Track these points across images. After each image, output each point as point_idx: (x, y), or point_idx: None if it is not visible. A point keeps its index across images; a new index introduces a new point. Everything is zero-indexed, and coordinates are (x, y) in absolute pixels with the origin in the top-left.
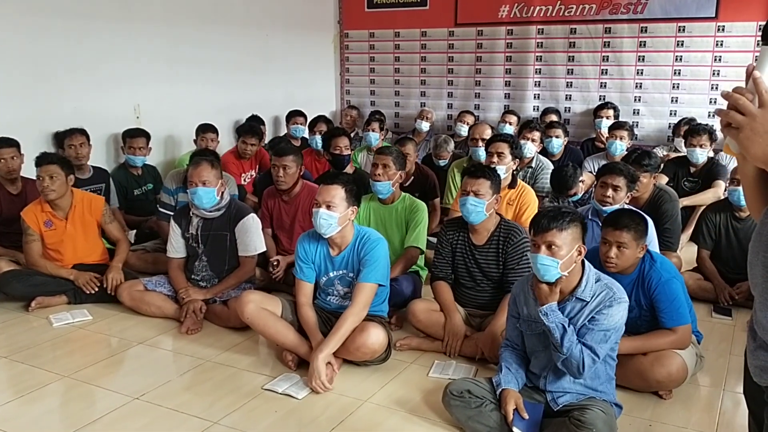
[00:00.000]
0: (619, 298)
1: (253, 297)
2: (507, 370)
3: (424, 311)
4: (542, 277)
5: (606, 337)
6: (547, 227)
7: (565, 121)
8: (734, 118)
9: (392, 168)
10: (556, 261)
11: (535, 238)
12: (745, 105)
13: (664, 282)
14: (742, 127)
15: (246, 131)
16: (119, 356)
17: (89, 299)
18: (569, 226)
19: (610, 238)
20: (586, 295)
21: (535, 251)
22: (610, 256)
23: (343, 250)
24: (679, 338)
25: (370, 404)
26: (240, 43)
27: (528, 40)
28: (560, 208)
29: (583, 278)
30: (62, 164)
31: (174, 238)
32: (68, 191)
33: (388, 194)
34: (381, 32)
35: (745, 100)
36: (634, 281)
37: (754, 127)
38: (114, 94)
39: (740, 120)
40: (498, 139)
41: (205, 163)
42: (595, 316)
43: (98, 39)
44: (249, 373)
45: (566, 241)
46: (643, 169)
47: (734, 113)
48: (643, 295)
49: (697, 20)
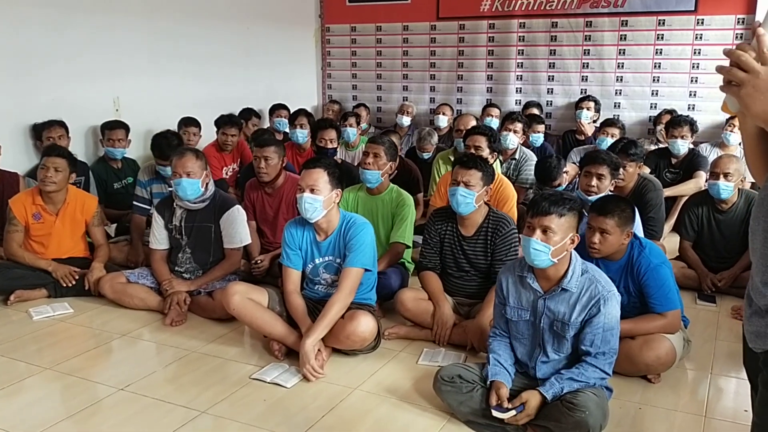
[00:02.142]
0: (609, 292)
1: (238, 288)
2: (496, 362)
3: (412, 300)
4: (532, 261)
5: (612, 335)
6: (547, 211)
7: (547, 115)
8: (736, 75)
9: (383, 158)
10: (549, 247)
11: (531, 220)
12: (747, 61)
13: (654, 268)
14: (744, 83)
15: (225, 122)
16: (102, 348)
17: (70, 292)
18: (568, 213)
19: (594, 223)
20: (572, 286)
21: (528, 234)
22: (593, 242)
23: (330, 235)
24: (669, 323)
25: (359, 392)
26: (221, 37)
27: (510, 33)
28: (562, 194)
29: (570, 268)
30: (69, 160)
31: (157, 229)
32: (65, 187)
33: (377, 183)
34: (362, 26)
35: (748, 56)
36: (623, 267)
37: (756, 84)
38: (93, 87)
39: (742, 77)
40: (475, 132)
41: (189, 153)
42: (592, 319)
43: (78, 30)
44: (236, 363)
45: (562, 227)
46: (629, 158)
47: (736, 70)
48: (632, 281)
49: (676, 14)
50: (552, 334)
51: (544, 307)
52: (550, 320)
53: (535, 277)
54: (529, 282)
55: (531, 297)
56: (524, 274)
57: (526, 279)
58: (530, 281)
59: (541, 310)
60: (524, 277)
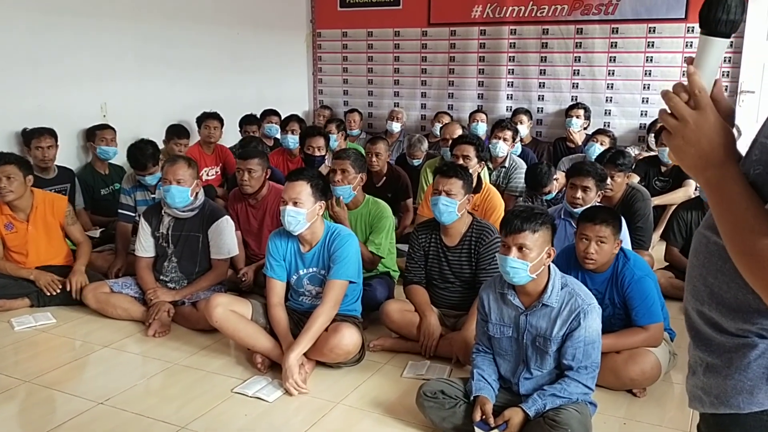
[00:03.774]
0: (589, 305)
1: (221, 300)
2: (480, 377)
3: (398, 311)
4: (511, 279)
5: (593, 348)
6: (520, 228)
7: (538, 122)
8: (667, 122)
9: (351, 172)
10: (526, 264)
11: (506, 239)
12: (676, 107)
13: (637, 280)
14: (675, 133)
15: (208, 116)
16: (83, 360)
17: (53, 302)
18: (541, 228)
19: (589, 233)
20: (552, 301)
21: (504, 253)
22: (590, 252)
23: (314, 247)
24: (651, 336)
25: (343, 406)
26: (210, 41)
27: (501, 40)
28: (532, 208)
29: (549, 283)
30: (20, 164)
31: (143, 236)
32: (27, 192)
33: (351, 198)
34: (354, 32)
35: (679, 100)
36: (608, 279)
37: (685, 134)
38: (80, 92)
39: (673, 125)
40: (463, 141)
41: (181, 161)
42: (572, 333)
43: (63, 34)
44: (218, 376)
45: (537, 243)
46: (617, 168)
47: (668, 116)
48: (617, 293)
49: (667, 21)
50: (535, 350)
51: (527, 323)
52: (533, 336)
53: (515, 294)
54: (510, 298)
55: (513, 313)
56: (505, 291)
57: (507, 296)
58: (511, 298)
59: (523, 326)
60: (505, 294)
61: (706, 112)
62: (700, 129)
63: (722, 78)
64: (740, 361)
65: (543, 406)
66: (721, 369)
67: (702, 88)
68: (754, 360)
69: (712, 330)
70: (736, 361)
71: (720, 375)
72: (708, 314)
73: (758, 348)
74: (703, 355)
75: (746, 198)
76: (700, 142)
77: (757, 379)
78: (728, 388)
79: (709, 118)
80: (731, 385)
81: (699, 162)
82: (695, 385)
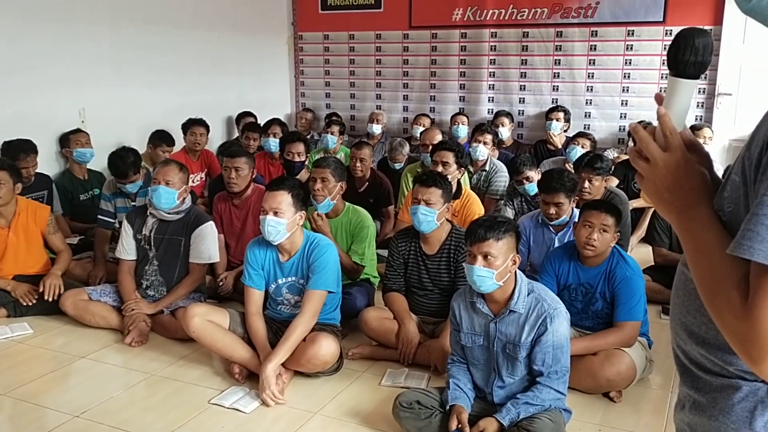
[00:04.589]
0: (555, 309)
1: (198, 310)
2: (455, 386)
3: (377, 319)
4: (478, 288)
5: (562, 352)
6: (483, 237)
7: (519, 124)
8: (638, 164)
9: (331, 181)
10: (492, 272)
11: (471, 248)
12: (648, 148)
13: (629, 278)
14: (647, 176)
15: (194, 122)
16: (60, 371)
17: (30, 312)
18: (504, 235)
19: (594, 220)
20: (519, 307)
21: (471, 262)
22: (592, 238)
23: (293, 256)
24: (625, 334)
25: (320, 416)
26: (190, 45)
27: (481, 43)
28: (495, 217)
29: (516, 289)
30: (11, 171)
31: (125, 238)
32: (13, 199)
33: (330, 207)
34: (335, 34)
35: (650, 140)
36: (601, 273)
37: (656, 177)
38: (57, 98)
39: (644, 168)
40: (443, 148)
41: (174, 164)
42: (540, 338)
43: (40, 40)
44: (196, 386)
45: (502, 251)
46: (595, 172)
47: (637, 158)
48: (608, 288)
49: (645, 24)
50: (505, 357)
51: (496, 331)
52: (503, 343)
53: (485, 302)
54: (479, 307)
55: (483, 321)
56: (474, 300)
57: (477, 304)
58: (480, 306)
59: (493, 334)
60: (474, 302)
61: (676, 154)
62: (672, 172)
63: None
64: (725, 402)
65: (517, 415)
66: (707, 408)
67: (673, 130)
68: (738, 403)
69: (696, 369)
70: (721, 402)
71: (705, 414)
72: (691, 354)
73: (742, 390)
74: (690, 392)
75: (717, 244)
76: (671, 185)
77: (740, 423)
78: (712, 429)
79: (680, 161)
80: (715, 426)
81: (671, 206)
82: (682, 419)
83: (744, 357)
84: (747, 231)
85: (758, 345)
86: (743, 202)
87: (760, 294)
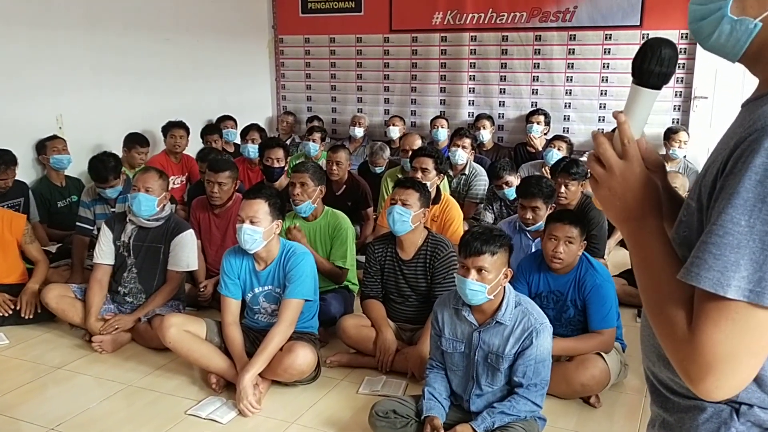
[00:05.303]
0: (542, 324)
1: (175, 321)
2: (431, 395)
3: (354, 327)
4: (469, 301)
5: (543, 366)
6: (479, 251)
7: (499, 127)
8: (593, 169)
9: (310, 185)
10: (485, 286)
11: (465, 261)
12: (605, 154)
13: (598, 285)
14: (601, 183)
15: (174, 125)
16: (36, 383)
17: (6, 322)
18: (500, 250)
19: (558, 233)
20: (506, 319)
21: (464, 275)
22: (558, 251)
23: (269, 265)
24: (604, 340)
25: (297, 426)
26: (170, 49)
27: (461, 47)
28: (491, 230)
29: (504, 302)
30: None
31: (104, 241)
32: None
33: (310, 211)
34: (316, 38)
35: (608, 147)
36: (570, 282)
37: (611, 185)
38: (34, 104)
39: (599, 173)
40: (422, 154)
41: (153, 171)
42: (524, 351)
43: (16, 45)
44: (172, 397)
45: (496, 265)
46: (571, 177)
47: (595, 164)
48: (578, 296)
49: (622, 28)
50: (486, 366)
51: (479, 340)
52: (485, 353)
53: (470, 310)
54: (464, 314)
55: (466, 329)
56: (460, 307)
57: (462, 311)
58: (465, 314)
59: (476, 342)
60: (459, 309)
61: (633, 163)
62: (626, 180)
63: (676, 84)
64: (691, 422)
65: (492, 424)
66: (674, 428)
67: (631, 138)
68: (703, 423)
69: (665, 390)
70: (687, 422)
71: None
72: (660, 375)
73: (707, 412)
74: (659, 411)
75: (663, 257)
76: (624, 194)
77: None
78: None
79: (635, 170)
80: None
81: (622, 214)
82: None
83: (683, 375)
84: (695, 258)
85: (698, 365)
86: (696, 228)
87: (703, 318)
